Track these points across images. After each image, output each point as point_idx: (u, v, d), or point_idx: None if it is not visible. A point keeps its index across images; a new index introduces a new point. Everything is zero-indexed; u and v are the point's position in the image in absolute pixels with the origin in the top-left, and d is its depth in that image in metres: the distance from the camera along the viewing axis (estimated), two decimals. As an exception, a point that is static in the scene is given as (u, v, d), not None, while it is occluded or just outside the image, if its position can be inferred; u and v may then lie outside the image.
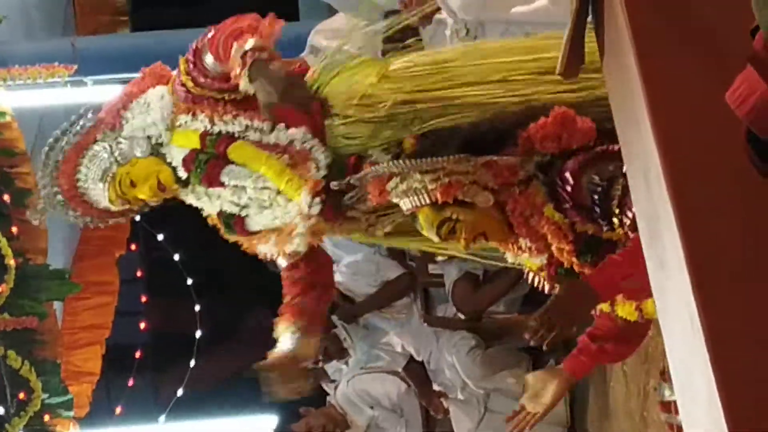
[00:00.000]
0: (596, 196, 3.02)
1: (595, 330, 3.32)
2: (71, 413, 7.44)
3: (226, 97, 3.33)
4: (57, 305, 7.71)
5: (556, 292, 3.11)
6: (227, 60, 3.22)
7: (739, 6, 1.73)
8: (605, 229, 3.05)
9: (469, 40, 5.27)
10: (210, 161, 3.33)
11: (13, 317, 7.06)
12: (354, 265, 6.40)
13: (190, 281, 8.20)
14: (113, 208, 3.45)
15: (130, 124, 3.37)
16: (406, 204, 3.16)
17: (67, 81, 7.27)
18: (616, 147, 3.05)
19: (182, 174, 3.39)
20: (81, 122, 3.42)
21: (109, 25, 9.58)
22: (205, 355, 9.35)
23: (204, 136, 3.32)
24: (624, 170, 2.99)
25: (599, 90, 3.11)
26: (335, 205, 3.33)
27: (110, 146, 3.38)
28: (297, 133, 3.28)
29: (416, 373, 6.56)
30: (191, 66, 3.31)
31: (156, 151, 3.38)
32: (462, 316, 6.17)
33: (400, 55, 3.49)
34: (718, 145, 1.77)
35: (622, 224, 2.97)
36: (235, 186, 3.34)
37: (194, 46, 3.34)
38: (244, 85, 3.19)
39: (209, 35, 3.31)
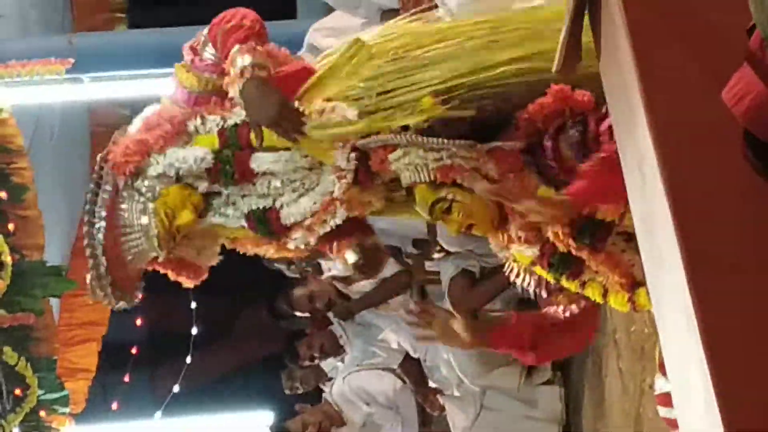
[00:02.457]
0: (576, 147, 3.02)
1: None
2: (67, 409, 7.46)
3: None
4: (53, 302, 7.72)
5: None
6: (225, 56, 3.19)
7: (736, 3, 1.74)
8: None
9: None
10: (237, 153, 3.30)
11: (10, 314, 7.07)
12: (350, 263, 6.41)
13: (186, 278, 8.20)
14: (155, 252, 3.39)
15: (155, 168, 3.34)
16: (405, 178, 3.16)
17: (65, 78, 7.27)
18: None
19: (203, 187, 3.34)
20: (102, 187, 3.36)
21: (106, 23, 9.58)
22: (201, 351, 9.36)
23: (222, 132, 3.30)
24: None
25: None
26: (365, 167, 3.28)
27: (137, 190, 3.35)
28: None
29: (412, 370, 6.57)
30: (195, 59, 3.28)
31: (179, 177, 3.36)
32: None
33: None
34: (714, 142, 1.78)
35: (601, 141, 2.96)
36: (264, 173, 3.31)
37: (191, 45, 3.31)
38: (233, 92, 3.15)
39: (206, 30, 3.28)
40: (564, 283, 3.27)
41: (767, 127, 1.64)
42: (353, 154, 3.20)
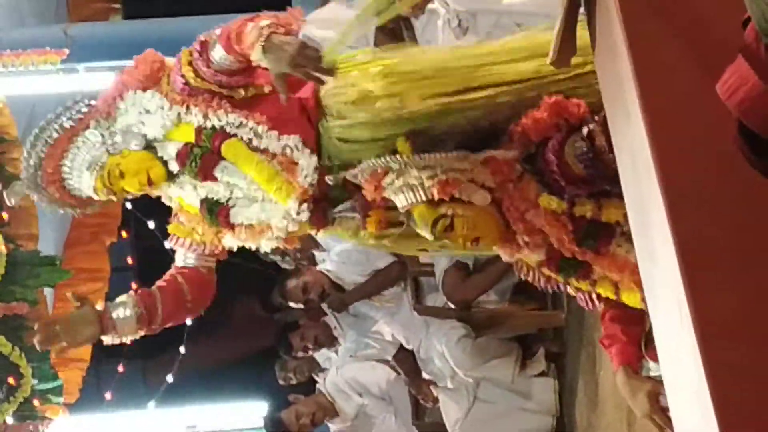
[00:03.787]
0: (585, 158, 2.99)
1: (613, 315, 3.35)
2: (61, 399, 7.45)
3: (224, 92, 3.31)
4: (48, 292, 7.71)
5: None
6: (240, 42, 3.20)
7: (730, -4, 1.74)
8: (608, 188, 3.02)
9: (460, 31, 5.27)
10: (205, 155, 3.31)
11: (4, 303, 7.06)
12: (344, 254, 6.41)
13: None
14: (95, 197, 3.43)
15: (124, 117, 3.36)
16: (401, 200, 3.13)
17: (59, 68, 7.27)
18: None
19: (174, 168, 3.37)
20: (76, 107, 3.40)
21: (101, 13, 9.58)
22: (195, 342, 9.36)
23: (199, 130, 3.31)
24: (596, 119, 2.99)
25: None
26: (324, 213, 3.31)
27: (103, 135, 3.37)
28: (290, 140, 3.26)
29: (406, 361, 6.57)
30: (197, 55, 3.28)
31: (149, 144, 3.37)
32: (452, 306, 6.18)
33: (394, 51, 3.43)
34: (708, 135, 1.78)
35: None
36: (228, 182, 3.33)
37: (202, 38, 3.31)
38: (256, 55, 3.15)
39: (219, 29, 3.29)
40: (574, 283, 3.26)
41: (761, 120, 1.64)
42: (304, 206, 3.22)
